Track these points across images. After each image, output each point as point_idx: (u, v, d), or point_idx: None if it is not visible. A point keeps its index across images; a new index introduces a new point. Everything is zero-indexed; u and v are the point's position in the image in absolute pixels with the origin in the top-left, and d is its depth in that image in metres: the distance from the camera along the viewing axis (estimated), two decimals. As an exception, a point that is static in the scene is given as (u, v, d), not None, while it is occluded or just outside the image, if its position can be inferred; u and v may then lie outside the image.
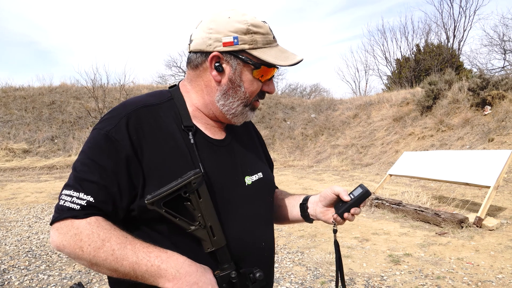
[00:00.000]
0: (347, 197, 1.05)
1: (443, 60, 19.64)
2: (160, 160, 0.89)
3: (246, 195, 1.01)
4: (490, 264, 3.66)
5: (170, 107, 0.98)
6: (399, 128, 12.94)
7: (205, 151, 0.96)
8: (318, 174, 10.82)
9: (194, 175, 0.84)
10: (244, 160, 1.06)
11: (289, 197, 1.26)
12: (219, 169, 0.97)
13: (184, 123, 0.96)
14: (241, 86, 0.96)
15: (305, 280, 3.47)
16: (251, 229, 1.00)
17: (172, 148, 0.91)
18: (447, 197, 6.56)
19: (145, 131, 0.90)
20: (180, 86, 1.05)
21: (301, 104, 19.42)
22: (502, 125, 9.58)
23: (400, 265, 3.75)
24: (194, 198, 0.85)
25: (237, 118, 1.01)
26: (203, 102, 1.00)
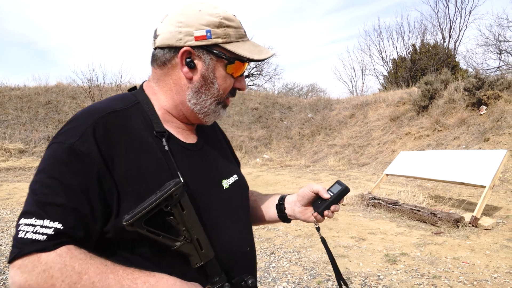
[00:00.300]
0: (327, 195, 1.04)
1: (439, 60, 19.73)
2: (135, 172, 0.80)
3: (225, 200, 0.97)
4: (485, 264, 3.69)
5: (138, 111, 0.89)
6: (396, 128, 12.98)
7: (181, 157, 0.90)
8: (315, 174, 10.84)
9: (175, 186, 0.76)
10: (218, 163, 1.02)
11: (263, 197, 1.23)
12: (196, 176, 0.92)
13: (156, 129, 0.89)
14: (214, 82, 0.91)
15: (302, 280, 3.48)
16: (236, 235, 0.97)
17: (146, 157, 0.83)
18: (443, 196, 6.59)
19: (115, 140, 0.81)
20: (145, 87, 0.97)
21: (298, 104, 19.44)
22: (498, 125, 9.63)
23: (396, 265, 3.77)
24: (177, 211, 0.78)
25: (209, 117, 0.96)
26: (173, 103, 0.93)
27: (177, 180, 0.78)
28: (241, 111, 18.26)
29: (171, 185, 0.76)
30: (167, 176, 0.83)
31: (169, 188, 0.75)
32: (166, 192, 0.75)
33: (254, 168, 12.69)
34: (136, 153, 0.82)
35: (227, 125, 16.98)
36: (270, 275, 3.62)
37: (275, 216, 1.17)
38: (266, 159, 14.43)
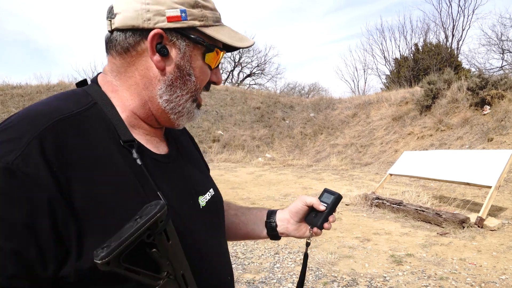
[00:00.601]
0: (322, 207, 0.98)
1: (441, 59, 19.66)
2: (100, 196, 0.62)
3: (203, 221, 0.81)
4: (493, 265, 3.65)
5: (97, 115, 0.69)
6: (398, 127, 12.94)
7: (155, 173, 0.73)
8: (318, 174, 10.81)
9: (160, 211, 0.59)
10: (193, 176, 0.85)
11: (245, 212, 1.10)
12: (173, 195, 0.74)
13: (123, 137, 0.70)
14: (191, 74, 0.75)
15: (307, 281, 3.45)
16: (218, 263, 0.84)
17: (113, 174, 0.65)
18: (448, 197, 6.55)
19: (71, 156, 0.61)
20: (101, 83, 0.77)
21: (300, 103, 19.40)
22: (502, 125, 9.58)
23: (402, 266, 3.74)
24: (161, 242, 0.62)
25: (183, 119, 0.79)
26: (140, 101, 0.75)
27: (161, 203, 0.61)
28: (243, 110, 18.23)
29: (155, 210, 0.59)
30: (142, 198, 0.66)
31: (153, 214, 0.59)
32: (150, 219, 0.58)
33: (256, 167, 12.66)
34: (100, 171, 0.63)
35: (229, 124, 16.96)
36: (275, 275, 3.59)
37: (263, 234, 1.06)
38: (268, 158, 14.40)
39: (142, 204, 0.63)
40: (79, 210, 0.60)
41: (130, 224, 0.59)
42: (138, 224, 0.57)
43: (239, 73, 31.63)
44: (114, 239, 0.56)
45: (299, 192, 7.91)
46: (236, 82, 30.56)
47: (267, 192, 8.06)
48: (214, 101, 18.32)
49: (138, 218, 0.59)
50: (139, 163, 0.68)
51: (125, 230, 0.58)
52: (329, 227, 0.99)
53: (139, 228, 0.57)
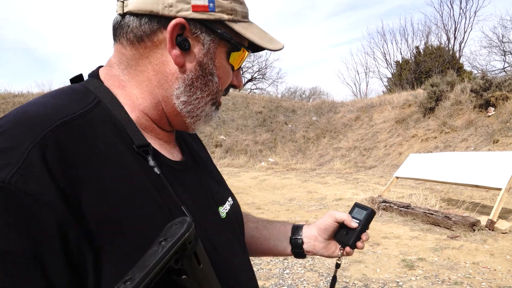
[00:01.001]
0: (354, 224, 0.89)
1: (443, 61, 19.64)
2: (117, 214, 0.52)
3: (226, 234, 0.72)
4: (507, 269, 3.58)
5: (103, 116, 0.58)
6: (402, 130, 12.88)
7: (173, 183, 0.62)
8: (322, 177, 10.74)
9: (187, 230, 0.50)
10: (210, 184, 0.76)
11: (267, 226, 0.99)
12: (195, 207, 0.65)
13: (136, 142, 0.59)
14: (213, 74, 0.65)
15: (318, 287, 3.38)
16: (247, 280, 0.75)
17: (130, 187, 0.54)
18: (456, 199, 6.48)
19: (79, 167, 0.50)
20: (104, 77, 0.65)
21: (302, 107, 19.37)
22: (507, 126, 9.52)
23: (414, 270, 3.66)
24: (191, 267, 0.52)
25: (199, 123, 0.69)
26: (152, 101, 0.64)
27: (188, 221, 0.51)
28: (245, 114, 18.20)
29: (182, 230, 0.49)
30: (164, 215, 0.56)
31: (180, 235, 0.49)
32: (178, 241, 0.49)
33: (259, 172, 12.60)
34: (115, 185, 0.53)
35: (232, 129, 16.92)
36: (285, 282, 3.52)
37: (287, 251, 0.95)
38: (272, 162, 14.34)
39: (166, 221, 0.53)
40: (95, 233, 0.49)
41: (154, 249, 0.48)
42: (164, 248, 0.47)
43: (240, 77, 31.58)
44: (138, 269, 0.46)
45: (304, 197, 7.85)
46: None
47: (271, 197, 7.99)
48: (216, 106, 18.29)
49: (162, 240, 0.49)
50: (157, 172, 0.58)
51: (149, 256, 0.48)
52: (363, 246, 0.90)
53: (166, 253, 0.47)
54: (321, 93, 32.62)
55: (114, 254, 0.51)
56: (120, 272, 0.47)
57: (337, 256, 0.92)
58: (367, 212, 0.91)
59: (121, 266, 0.49)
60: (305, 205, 6.98)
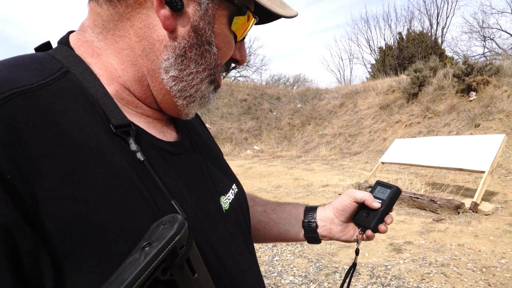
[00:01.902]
0: (377, 204, 0.79)
1: (426, 47, 19.83)
2: (86, 214, 0.40)
3: (229, 229, 0.61)
4: (491, 249, 3.65)
5: (72, 89, 0.46)
6: (386, 116, 13.00)
7: (164, 170, 0.52)
8: (308, 164, 10.78)
9: (179, 231, 0.40)
10: (212, 170, 0.65)
11: (276, 208, 0.89)
12: (192, 199, 0.54)
13: (114, 120, 0.47)
14: (211, 43, 0.53)
15: (308, 273, 3.39)
16: (253, 284, 0.64)
17: (104, 179, 0.43)
18: (440, 183, 6.59)
19: (35, 155, 0.39)
20: (75, 44, 0.52)
21: (287, 95, 19.32)
22: (488, 111, 9.70)
23: (402, 254, 3.71)
24: (183, 277, 0.42)
25: (193, 106, 0.57)
26: (134, 74, 0.52)
27: (180, 220, 0.41)
28: (230, 102, 18.06)
29: (172, 232, 0.39)
30: (151, 212, 0.46)
31: (169, 238, 0.39)
32: (165, 246, 0.38)
33: (245, 160, 12.57)
34: (83, 177, 0.41)
35: (216, 117, 16.78)
36: (275, 268, 3.52)
37: (299, 236, 0.86)
38: (257, 150, 14.32)
39: (152, 219, 0.43)
40: (55, 239, 0.38)
41: (134, 257, 0.38)
42: (148, 256, 0.37)
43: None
44: (114, 285, 0.36)
45: (291, 184, 7.86)
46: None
47: (258, 184, 7.98)
48: (200, 94, 18.09)
49: (146, 245, 0.39)
50: (140, 158, 0.47)
51: (128, 267, 0.37)
52: (386, 230, 0.80)
53: (150, 262, 0.37)
54: (305, 80, 32.66)
55: (82, 266, 0.39)
56: (89, 286, 0.38)
57: (355, 240, 0.83)
58: (391, 190, 0.80)
59: (92, 281, 0.39)
60: (292, 192, 7.00)
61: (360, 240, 0.82)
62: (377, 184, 0.84)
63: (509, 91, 9.81)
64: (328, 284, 3.13)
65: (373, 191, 0.82)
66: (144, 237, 0.41)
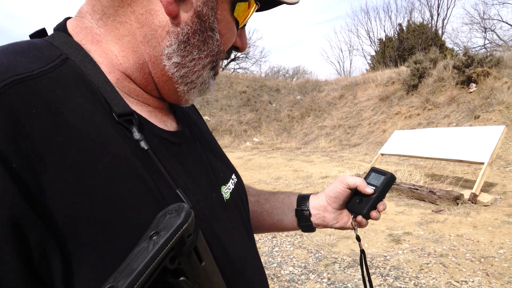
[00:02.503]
0: (369, 190, 0.77)
1: (426, 38, 19.73)
2: (93, 203, 0.40)
3: (231, 219, 0.62)
4: (489, 240, 3.67)
5: (72, 76, 0.45)
6: (386, 107, 12.98)
7: (167, 159, 0.52)
8: (307, 156, 10.79)
9: (186, 220, 0.39)
10: (212, 159, 0.64)
11: (269, 198, 0.89)
12: (195, 189, 0.54)
13: (116, 109, 0.47)
14: (214, 29, 0.53)
15: (307, 263, 3.41)
16: (255, 272, 0.64)
17: (109, 167, 0.43)
18: (439, 175, 6.60)
19: (39, 144, 0.38)
20: (73, 31, 0.51)
21: (286, 86, 19.26)
22: (488, 102, 9.68)
23: (401, 244, 3.73)
24: (191, 266, 0.42)
25: (194, 92, 0.57)
26: (136, 61, 0.51)
27: (186, 208, 0.41)
28: (229, 94, 18.00)
29: (180, 220, 0.39)
30: (157, 202, 0.45)
31: (177, 227, 0.39)
32: (173, 234, 0.38)
33: (245, 151, 12.57)
34: (88, 166, 0.41)
35: (216, 109, 16.75)
36: (275, 259, 3.53)
37: (293, 225, 0.85)
38: (256, 142, 14.32)
39: (158, 209, 0.43)
40: (63, 229, 0.38)
41: (143, 246, 0.38)
42: (157, 245, 0.37)
43: (223, 57, 31.35)
44: (123, 275, 0.36)
45: (290, 175, 7.87)
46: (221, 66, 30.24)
47: (258, 176, 7.99)
48: (199, 86, 18.03)
49: (154, 234, 0.39)
50: (144, 147, 0.46)
51: (136, 256, 0.37)
52: (378, 216, 0.78)
53: (159, 251, 0.37)
54: (304, 72, 32.55)
55: (89, 258, 0.39)
56: (99, 279, 0.37)
57: (350, 228, 0.82)
58: (385, 177, 0.79)
59: (101, 271, 0.39)
60: (292, 184, 7.01)
61: (355, 227, 0.81)
62: (371, 171, 0.83)
63: (509, 82, 9.78)
64: (328, 275, 3.15)
65: (367, 178, 0.82)
66: (150, 226, 0.40)
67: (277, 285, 3.00)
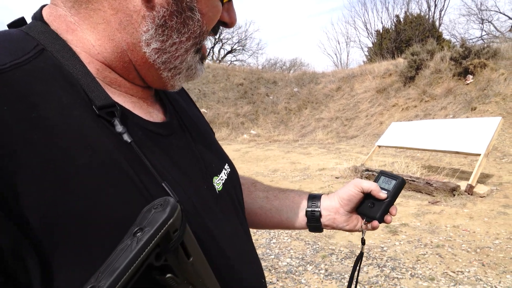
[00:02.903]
0: (383, 194, 0.79)
1: (423, 30, 19.68)
2: (71, 201, 0.38)
3: (224, 211, 0.60)
4: (485, 231, 3.70)
5: (50, 69, 0.43)
6: (383, 99, 12.98)
7: (153, 152, 0.50)
8: (304, 148, 10.80)
9: (171, 215, 0.38)
10: (203, 149, 0.62)
11: (279, 195, 0.87)
12: (185, 182, 0.53)
13: (97, 101, 0.44)
14: (193, 9, 0.50)
15: (305, 255, 3.42)
16: (250, 265, 0.63)
17: (90, 164, 0.41)
18: (436, 166, 6.63)
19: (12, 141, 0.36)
20: (49, 19, 0.49)
21: (283, 79, 19.21)
22: (484, 94, 9.69)
23: (398, 235, 3.75)
24: (178, 262, 0.41)
25: (180, 77, 0.54)
26: (113, 50, 0.49)
27: (172, 202, 0.39)
28: (226, 87, 17.94)
29: (165, 215, 0.38)
30: (141, 196, 0.44)
31: (162, 222, 0.37)
32: (158, 230, 0.37)
33: (242, 144, 12.56)
34: (67, 163, 0.39)
35: (213, 102, 16.70)
36: (273, 251, 3.55)
37: (301, 224, 0.85)
38: (254, 135, 14.31)
39: (143, 204, 0.41)
40: (40, 230, 0.36)
41: (126, 243, 0.36)
42: (140, 242, 0.35)
43: (220, 49, 31.17)
44: (105, 274, 0.34)
45: (288, 167, 7.89)
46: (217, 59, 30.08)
47: (255, 169, 8.00)
48: (196, 78, 17.94)
49: (138, 230, 0.37)
50: (127, 140, 0.45)
51: (119, 254, 0.35)
52: (391, 220, 0.80)
53: (143, 248, 0.35)
54: (301, 64, 32.44)
55: (70, 258, 0.37)
56: (82, 279, 0.36)
57: (359, 230, 0.83)
58: (397, 182, 0.80)
59: (83, 271, 0.37)
60: (289, 176, 7.02)
61: (365, 230, 0.82)
62: (381, 174, 0.83)
63: (506, 74, 9.79)
64: (325, 266, 3.17)
65: (377, 181, 0.83)
66: (135, 222, 0.39)
67: (275, 276, 3.01)
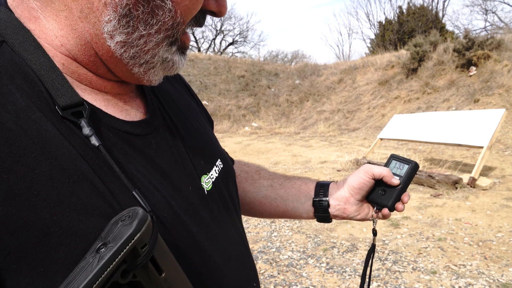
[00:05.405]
0: (396, 181, 0.73)
1: (426, 21, 19.49)
2: (30, 217, 0.35)
3: (212, 213, 0.55)
4: (488, 224, 3.68)
5: (7, 66, 0.39)
6: (385, 91, 12.89)
7: (127, 155, 0.46)
8: (306, 141, 10.77)
9: (139, 228, 0.35)
10: (191, 146, 0.57)
11: (284, 183, 0.82)
12: (163, 186, 0.48)
13: (60, 101, 0.40)
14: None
15: (306, 248, 3.42)
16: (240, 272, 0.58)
17: (50, 173, 0.37)
18: (438, 159, 6.60)
19: None
20: (13, 5, 0.44)
21: (285, 71, 19.10)
22: (487, 86, 9.61)
23: (400, 228, 3.74)
24: (149, 278, 0.38)
25: (154, 72, 0.48)
26: (77, 41, 0.43)
27: (141, 214, 0.36)
28: (228, 79, 17.86)
29: (131, 229, 0.34)
30: (108, 206, 0.40)
31: (128, 237, 0.34)
32: (124, 246, 0.34)
33: (243, 136, 12.53)
34: (22, 173, 0.35)
35: (214, 94, 16.63)
36: (274, 244, 3.54)
37: (308, 214, 0.79)
38: (255, 127, 14.27)
39: (110, 215, 0.38)
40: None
41: (87, 260, 0.33)
42: (102, 261, 0.32)
43: (221, 41, 30.99)
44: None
45: (289, 160, 7.86)
46: (219, 50, 29.93)
47: (256, 161, 7.98)
48: (197, 70, 17.86)
49: (101, 246, 0.34)
50: (95, 144, 0.40)
51: (79, 273, 0.33)
52: (403, 208, 0.74)
53: (104, 267, 0.32)
54: (303, 56, 32.27)
55: (30, 274, 0.34)
56: None
57: (370, 219, 0.78)
58: (409, 166, 0.74)
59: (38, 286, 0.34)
60: (290, 169, 7.00)
61: (376, 219, 0.78)
62: (392, 158, 0.77)
63: (509, 65, 9.70)
64: (326, 259, 3.16)
65: (387, 166, 0.77)
66: (101, 235, 0.36)
67: (276, 270, 3.01)
